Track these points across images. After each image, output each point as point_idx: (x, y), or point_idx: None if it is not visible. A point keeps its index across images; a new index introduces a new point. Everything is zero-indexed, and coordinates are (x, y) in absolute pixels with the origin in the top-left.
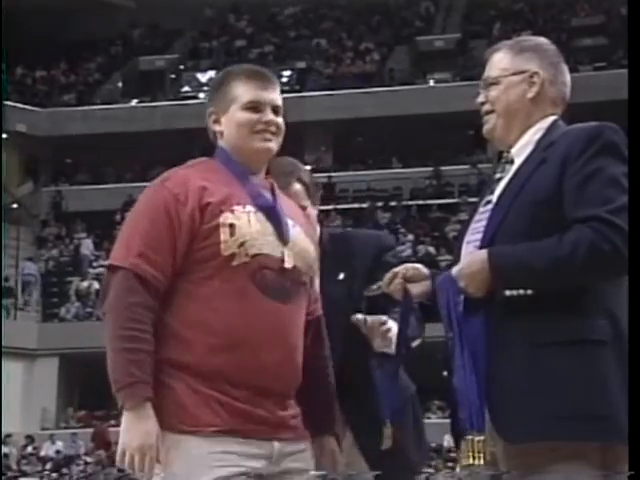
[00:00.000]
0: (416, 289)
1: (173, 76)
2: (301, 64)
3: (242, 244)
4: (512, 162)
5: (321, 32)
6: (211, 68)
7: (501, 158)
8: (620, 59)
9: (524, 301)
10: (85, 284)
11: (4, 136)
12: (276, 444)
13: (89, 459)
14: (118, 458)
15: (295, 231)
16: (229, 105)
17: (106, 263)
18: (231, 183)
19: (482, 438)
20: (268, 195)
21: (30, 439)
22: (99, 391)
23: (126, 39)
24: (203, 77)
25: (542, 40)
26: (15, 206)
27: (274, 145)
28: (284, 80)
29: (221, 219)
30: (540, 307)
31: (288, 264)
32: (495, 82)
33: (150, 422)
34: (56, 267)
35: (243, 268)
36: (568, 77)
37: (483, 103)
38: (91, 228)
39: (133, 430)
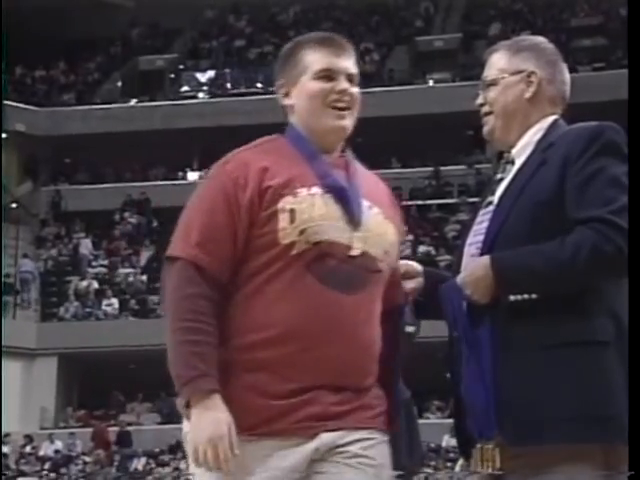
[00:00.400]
0: (409, 285)
1: (172, 76)
2: None
3: (303, 231)
4: (513, 163)
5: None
6: (210, 68)
7: (501, 158)
8: (619, 59)
9: (527, 304)
10: (84, 284)
11: (3, 135)
12: (326, 435)
13: (88, 459)
14: (191, 458)
15: (371, 214)
16: (300, 75)
17: (166, 255)
18: (298, 163)
19: (490, 446)
20: (340, 175)
21: (29, 438)
22: (98, 390)
23: (125, 39)
24: (202, 77)
25: (540, 39)
26: (14, 205)
27: (349, 123)
28: None
29: (280, 204)
30: (543, 309)
31: (355, 251)
32: (493, 83)
33: (219, 411)
34: (55, 266)
35: (302, 257)
36: (567, 76)
37: (482, 104)
38: (90, 228)
39: (201, 423)
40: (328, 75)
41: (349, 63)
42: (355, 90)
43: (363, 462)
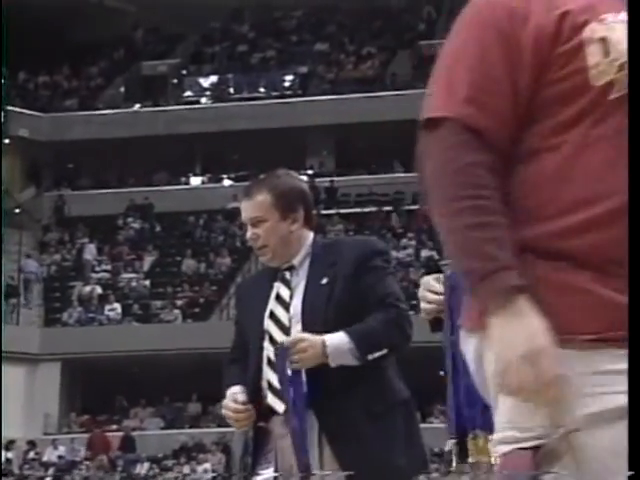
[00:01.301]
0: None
1: (175, 81)
2: (303, 69)
3: (623, 66)
4: None
5: (323, 37)
6: (213, 73)
7: None
8: None
9: None
10: (88, 289)
11: (6, 141)
12: None
13: (91, 464)
14: (496, 380)
15: None
16: None
17: (429, 116)
18: None
19: (484, 437)
20: None
21: (32, 444)
22: (101, 396)
23: (128, 44)
24: (205, 82)
25: None
26: (18, 211)
27: None
28: (286, 85)
29: (586, 34)
30: None
31: None
32: None
33: (532, 316)
34: (58, 272)
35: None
36: None
37: None
38: (94, 233)
39: (509, 334)
40: None
41: None
42: None
43: None
